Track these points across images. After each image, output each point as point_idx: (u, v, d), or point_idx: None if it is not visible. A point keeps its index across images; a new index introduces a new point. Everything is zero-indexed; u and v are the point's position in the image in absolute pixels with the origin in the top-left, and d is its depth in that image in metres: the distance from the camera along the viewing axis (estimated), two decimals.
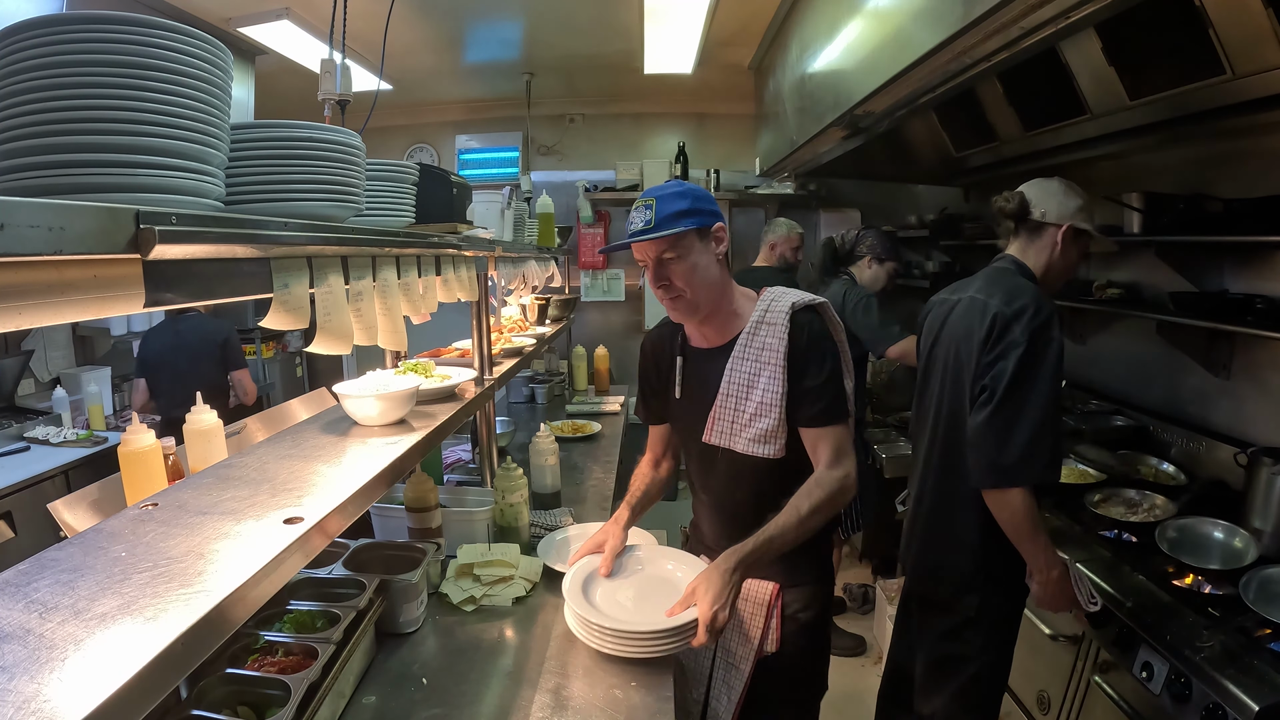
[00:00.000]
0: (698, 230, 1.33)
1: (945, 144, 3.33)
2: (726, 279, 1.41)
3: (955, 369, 1.64)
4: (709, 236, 1.36)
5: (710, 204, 1.36)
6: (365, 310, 1.10)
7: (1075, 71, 2.20)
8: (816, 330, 1.36)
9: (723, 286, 1.40)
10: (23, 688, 0.47)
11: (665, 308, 1.41)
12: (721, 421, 1.41)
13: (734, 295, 1.43)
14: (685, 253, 1.32)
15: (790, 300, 1.38)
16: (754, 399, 1.36)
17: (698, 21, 3.13)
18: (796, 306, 1.37)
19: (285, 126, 0.88)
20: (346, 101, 1.84)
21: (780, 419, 1.35)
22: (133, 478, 1.04)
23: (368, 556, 1.55)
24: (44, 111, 0.59)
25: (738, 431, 1.40)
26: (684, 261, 1.33)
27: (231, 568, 0.65)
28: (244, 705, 1.07)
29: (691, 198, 1.33)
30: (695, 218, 1.32)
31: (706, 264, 1.35)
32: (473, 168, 4.83)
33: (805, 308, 1.38)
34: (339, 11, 1.86)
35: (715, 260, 1.37)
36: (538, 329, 2.89)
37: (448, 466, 2.55)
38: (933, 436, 1.72)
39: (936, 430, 1.71)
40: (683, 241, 1.32)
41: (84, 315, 0.55)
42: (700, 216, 1.32)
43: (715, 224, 1.36)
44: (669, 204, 1.31)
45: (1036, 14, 1.37)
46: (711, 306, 1.39)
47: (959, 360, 1.62)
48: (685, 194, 1.33)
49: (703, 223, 1.33)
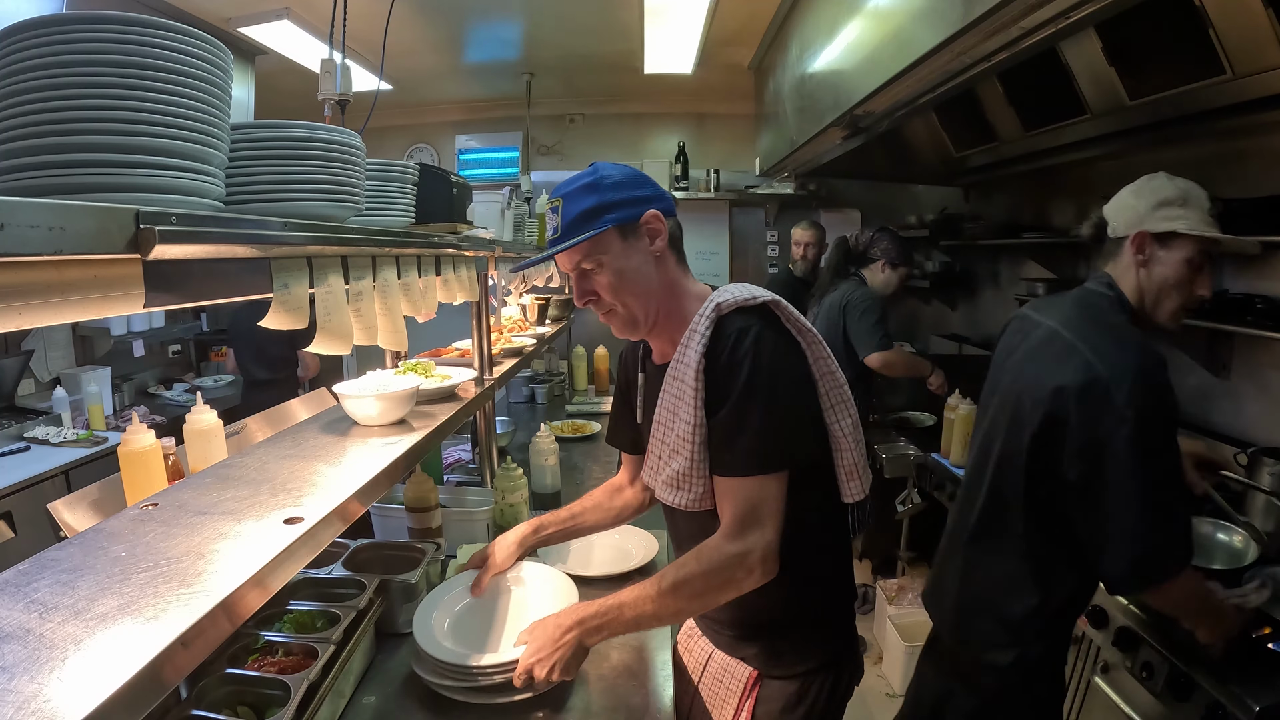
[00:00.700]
0: (618, 228, 1.05)
1: (945, 144, 3.34)
2: (673, 279, 1.12)
3: (1016, 410, 1.33)
4: (636, 232, 1.07)
5: (632, 189, 1.07)
6: (365, 310, 1.10)
7: (1075, 71, 2.20)
8: (742, 341, 1.01)
9: (666, 290, 1.11)
10: (23, 688, 0.47)
11: None
12: (651, 457, 1.15)
13: (685, 297, 1.13)
14: (606, 259, 1.06)
15: (718, 300, 1.05)
16: (675, 432, 1.07)
17: (698, 21, 3.13)
18: (724, 308, 1.03)
19: (285, 126, 0.88)
20: (346, 101, 1.84)
21: (693, 460, 1.04)
22: (133, 478, 1.04)
23: (368, 556, 1.55)
24: (44, 111, 0.59)
25: (659, 471, 1.12)
26: (606, 270, 1.07)
27: (231, 568, 0.65)
28: (244, 705, 1.07)
29: (602, 189, 1.05)
30: (611, 213, 1.04)
31: (637, 267, 1.07)
32: (473, 168, 4.83)
33: (736, 309, 1.03)
34: (339, 11, 1.86)
35: (650, 259, 1.08)
36: (538, 329, 2.89)
37: (448, 466, 2.55)
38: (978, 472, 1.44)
39: (984, 468, 1.41)
40: (600, 246, 1.06)
41: (84, 315, 0.55)
42: (617, 210, 1.05)
43: (642, 213, 1.06)
44: (575, 203, 1.05)
45: (1036, 14, 1.37)
46: (656, 316, 1.12)
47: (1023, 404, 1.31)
48: (594, 186, 1.05)
49: (622, 217, 1.05)
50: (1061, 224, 3.03)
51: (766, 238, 4.85)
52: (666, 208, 1.10)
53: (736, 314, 1.04)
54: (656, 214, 1.08)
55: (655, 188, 1.11)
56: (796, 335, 1.07)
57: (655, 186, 1.11)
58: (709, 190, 4.56)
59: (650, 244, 1.09)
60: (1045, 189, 3.15)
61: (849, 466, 1.12)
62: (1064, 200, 3.05)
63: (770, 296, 1.06)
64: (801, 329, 1.07)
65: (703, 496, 1.07)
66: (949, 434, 2.51)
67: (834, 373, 1.10)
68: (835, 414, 1.10)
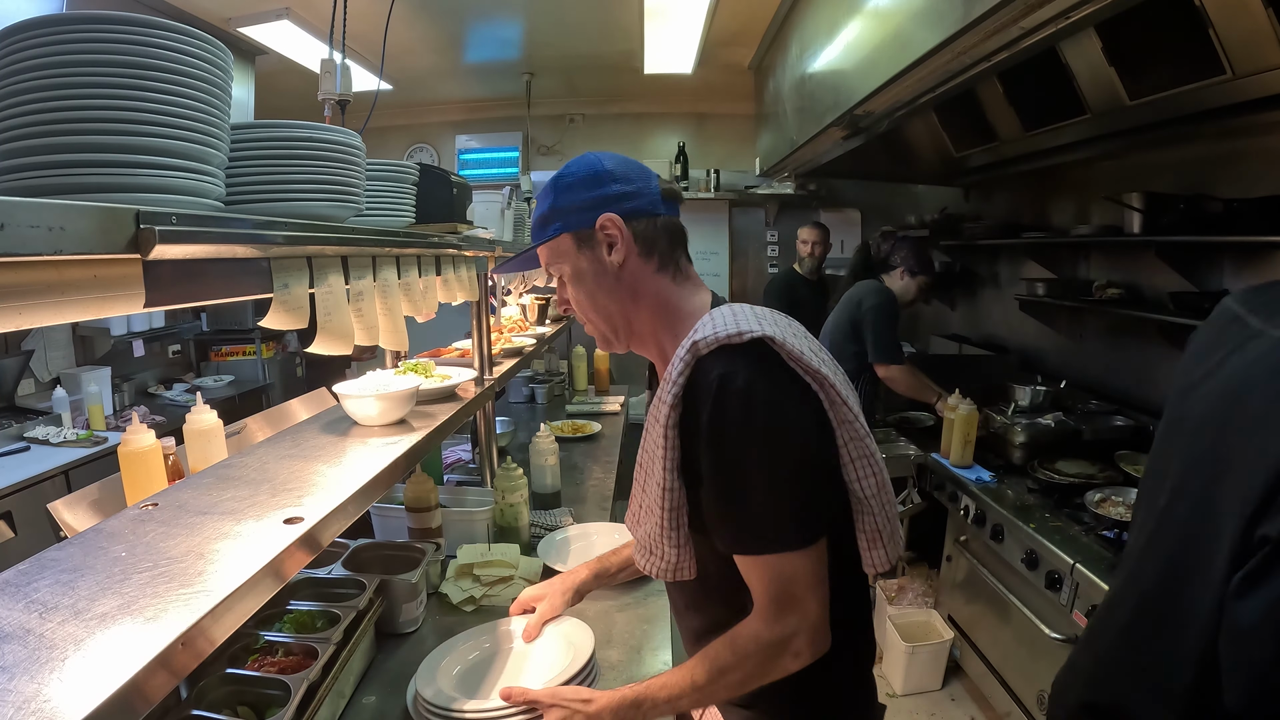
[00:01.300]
0: (574, 235, 0.96)
1: (945, 144, 3.34)
2: (653, 289, 0.97)
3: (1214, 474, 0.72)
4: (591, 240, 0.95)
5: (586, 190, 0.95)
6: (366, 310, 1.10)
7: (1075, 71, 2.20)
8: (725, 393, 0.82)
9: (643, 302, 0.98)
10: (23, 688, 0.47)
11: None
12: (633, 503, 1.00)
13: (675, 310, 0.98)
14: (565, 269, 0.99)
15: (695, 338, 0.85)
16: (649, 489, 0.92)
17: (698, 21, 3.13)
18: (701, 347, 0.84)
19: (285, 126, 0.88)
20: (346, 101, 1.84)
21: (662, 526, 0.90)
22: (133, 478, 1.04)
23: (367, 556, 1.55)
24: (44, 111, 0.59)
25: (635, 526, 0.99)
26: (568, 281, 1.00)
27: (232, 568, 0.65)
28: (244, 705, 1.07)
29: (557, 191, 0.97)
30: (559, 220, 0.96)
31: (595, 277, 0.96)
32: (473, 168, 4.83)
33: (718, 349, 0.83)
34: (339, 11, 1.86)
35: (608, 270, 0.96)
36: (538, 329, 2.89)
37: (448, 466, 2.55)
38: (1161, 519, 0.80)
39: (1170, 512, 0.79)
40: (556, 255, 0.98)
41: (84, 315, 0.55)
42: (566, 216, 0.95)
43: (595, 219, 0.94)
44: (540, 203, 0.99)
45: (1036, 14, 1.37)
46: (630, 331, 1.00)
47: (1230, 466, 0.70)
48: (552, 186, 0.98)
49: (571, 224, 0.95)
50: (1061, 224, 3.03)
51: (766, 238, 4.85)
52: (635, 208, 0.95)
53: (718, 356, 0.84)
54: (612, 219, 0.94)
55: (625, 183, 0.95)
56: (803, 375, 0.85)
57: (627, 182, 0.95)
58: (709, 190, 4.56)
59: (607, 253, 0.95)
60: (1045, 189, 3.15)
61: (872, 531, 0.92)
62: (1064, 200, 3.05)
63: (763, 330, 0.84)
64: (809, 368, 0.85)
65: (676, 566, 0.93)
66: (949, 434, 2.51)
67: (853, 421, 0.88)
68: (856, 470, 0.89)
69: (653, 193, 0.97)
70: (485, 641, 1.32)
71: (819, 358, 0.89)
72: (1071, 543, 1.89)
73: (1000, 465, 2.46)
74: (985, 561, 2.26)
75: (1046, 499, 2.18)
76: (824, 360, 0.90)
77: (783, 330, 0.87)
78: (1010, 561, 2.06)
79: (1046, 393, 2.65)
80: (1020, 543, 2.02)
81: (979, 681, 2.46)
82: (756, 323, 0.85)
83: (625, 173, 0.97)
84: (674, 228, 1.00)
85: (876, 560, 0.93)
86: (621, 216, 0.94)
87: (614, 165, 0.97)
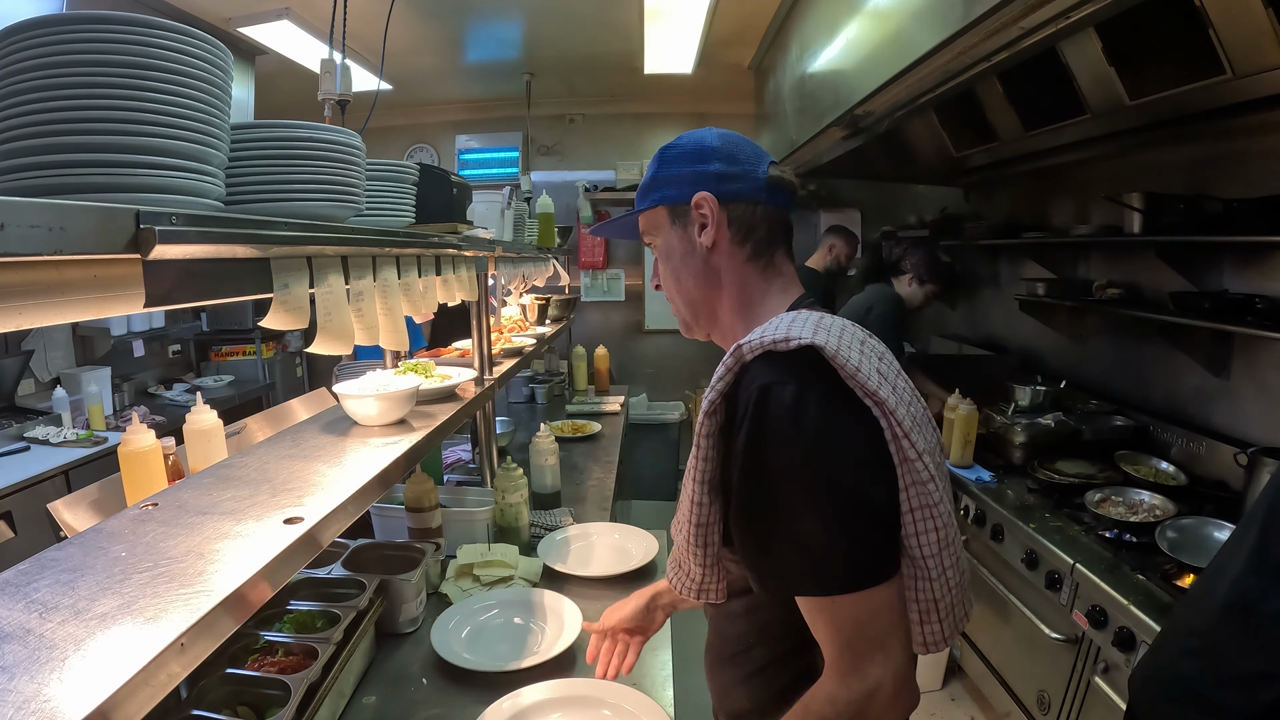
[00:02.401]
0: (669, 209, 0.92)
1: (945, 144, 3.34)
2: (740, 280, 0.91)
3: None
4: (685, 217, 0.91)
5: (689, 164, 0.90)
6: (366, 310, 1.10)
7: (1075, 71, 2.20)
8: (765, 406, 0.72)
9: (715, 292, 0.92)
10: (23, 688, 0.47)
11: None
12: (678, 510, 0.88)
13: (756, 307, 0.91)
14: (657, 242, 0.96)
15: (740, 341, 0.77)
16: (686, 495, 0.82)
17: (698, 21, 3.13)
18: (746, 352, 0.75)
19: (285, 126, 0.88)
20: (346, 101, 1.84)
21: (690, 541, 0.81)
22: (133, 478, 1.04)
23: (367, 556, 1.55)
24: (44, 111, 0.59)
25: (676, 534, 0.88)
26: (659, 254, 0.96)
27: (232, 568, 0.65)
28: (244, 705, 1.07)
29: (664, 160, 0.93)
30: (658, 191, 0.92)
31: (683, 256, 0.92)
32: (473, 168, 4.83)
33: (763, 355, 0.74)
34: (339, 11, 1.86)
35: (696, 250, 0.91)
36: (538, 329, 2.89)
37: (448, 466, 2.55)
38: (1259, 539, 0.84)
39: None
40: (651, 225, 0.96)
41: (84, 315, 0.54)
42: (666, 188, 0.92)
43: (693, 196, 0.89)
44: (650, 169, 0.95)
45: (1036, 14, 1.37)
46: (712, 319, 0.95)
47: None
48: (661, 155, 0.93)
49: (668, 197, 0.91)
50: (1061, 224, 3.03)
51: None
52: (735, 191, 0.89)
53: (763, 362, 0.74)
54: (707, 198, 0.88)
55: (730, 163, 0.89)
56: (863, 398, 0.72)
57: (731, 162, 0.89)
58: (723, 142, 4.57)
59: (697, 233, 0.90)
60: (1045, 189, 3.15)
61: (926, 602, 0.73)
62: (1064, 200, 3.05)
63: (812, 338, 0.72)
64: (867, 390, 0.71)
65: (702, 587, 0.85)
66: (949, 434, 2.51)
67: (916, 460, 0.71)
68: (915, 522, 0.72)
69: (758, 178, 0.90)
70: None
71: (889, 382, 0.75)
72: (1071, 543, 1.89)
73: (1000, 465, 2.46)
74: (985, 561, 2.26)
75: (1046, 499, 2.18)
76: (896, 386, 0.77)
77: (842, 343, 0.74)
78: (1010, 561, 2.06)
79: (1046, 393, 2.65)
80: (1020, 543, 2.02)
81: (979, 681, 2.46)
82: (810, 330, 0.74)
83: (732, 152, 0.90)
84: (776, 219, 0.92)
85: (929, 637, 0.75)
86: (718, 198, 0.89)
87: (721, 143, 0.91)
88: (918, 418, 0.78)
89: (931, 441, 0.79)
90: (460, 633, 1.45)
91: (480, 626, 1.48)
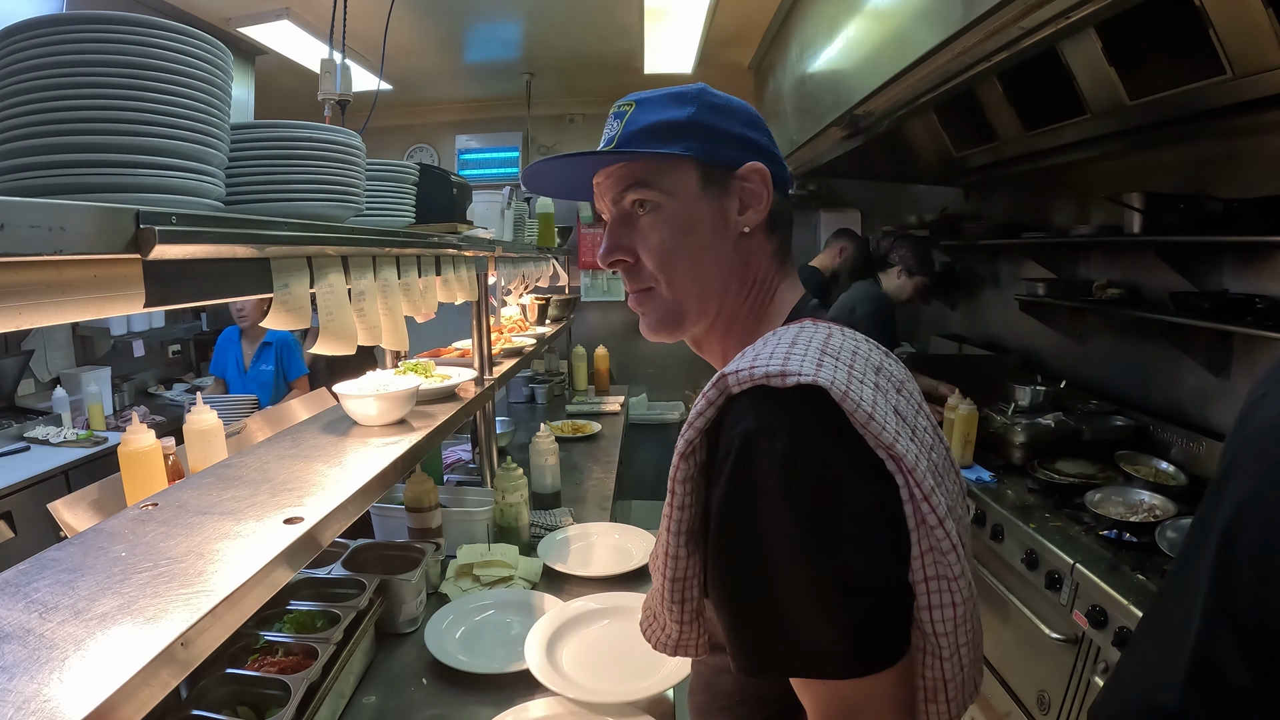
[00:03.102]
0: (700, 165, 0.71)
1: (945, 144, 3.34)
2: (760, 275, 0.75)
3: None
4: (725, 185, 0.72)
5: (740, 124, 0.73)
6: (369, 310, 1.10)
7: (1075, 71, 2.20)
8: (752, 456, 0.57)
9: (737, 284, 0.74)
10: (23, 688, 0.47)
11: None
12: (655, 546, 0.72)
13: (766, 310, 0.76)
14: (667, 202, 0.71)
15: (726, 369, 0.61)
16: (660, 540, 0.68)
17: (698, 21, 3.13)
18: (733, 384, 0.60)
19: (285, 126, 0.88)
20: (346, 101, 1.84)
21: (664, 596, 0.68)
22: (133, 478, 1.04)
23: (367, 556, 1.55)
24: (44, 111, 0.59)
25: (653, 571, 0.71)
26: (663, 217, 0.72)
27: (232, 568, 0.65)
28: (244, 705, 1.07)
29: (699, 104, 0.71)
30: (699, 140, 0.70)
31: (712, 233, 0.72)
32: (473, 168, 4.83)
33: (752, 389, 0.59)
34: (339, 11, 1.86)
35: (729, 229, 0.72)
36: (538, 329, 2.89)
37: (448, 466, 2.55)
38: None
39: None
40: (665, 177, 0.71)
41: (84, 315, 0.55)
42: (710, 140, 0.71)
43: (743, 162, 0.71)
44: (653, 110, 0.73)
45: (1036, 14, 1.37)
46: (714, 318, 0.75)
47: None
48: (690, 98, 0.72)
49: (713, 152, 0.71)
50: (1061, 224, 3.03)
51: None
52: (777, 172, 0.74)
53: (752, 400, 0.59)
54: (761, 170, 0.71)
55: (770, 141, 0.76)
56: (875, 449, 0.57)
57: (771, 140, 0.76)
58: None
59: (739, 212, 0.72)
60: (1045, 189, 3.15)
61: (934, 681, 0.62)
62: (1064, 200, 3.05)
63: (816, 376, 0.57)
64: (881, 442, 0.57)
65: (679, 643, 0.71)
66: (948, 434, 2.51)
67: (937, 526, 0.58)
68: (929, 594, 0.59)
69: (786, 164, 0.79)
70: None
71: (908, 423, 0.63)
72: (1071, 543, 1.89)
73: (1000, 465, 2.46)
74: (985, 561, 2.26)
75: (1046, 499, 2.18)
76: (917, 428, 0.64)
77: (853, 376, 0.60)
78: (1010, 561, 2.06)
79: (1046, 393, 2.65)
80: (1020, 543, 2.02)
81: None
82: (814, 361, 0.59)
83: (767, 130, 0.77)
84: (791, 214, 0.80)
85: (935, 716, 0.64)
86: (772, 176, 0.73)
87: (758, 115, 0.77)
88: (940, 467, 0.65)
89: (954, 495, 0.67)
90: (454, 633, 1.45)
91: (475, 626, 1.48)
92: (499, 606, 1.55)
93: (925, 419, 0.69)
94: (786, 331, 0.66)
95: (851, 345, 0.66)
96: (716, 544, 0.61)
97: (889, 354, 0.72)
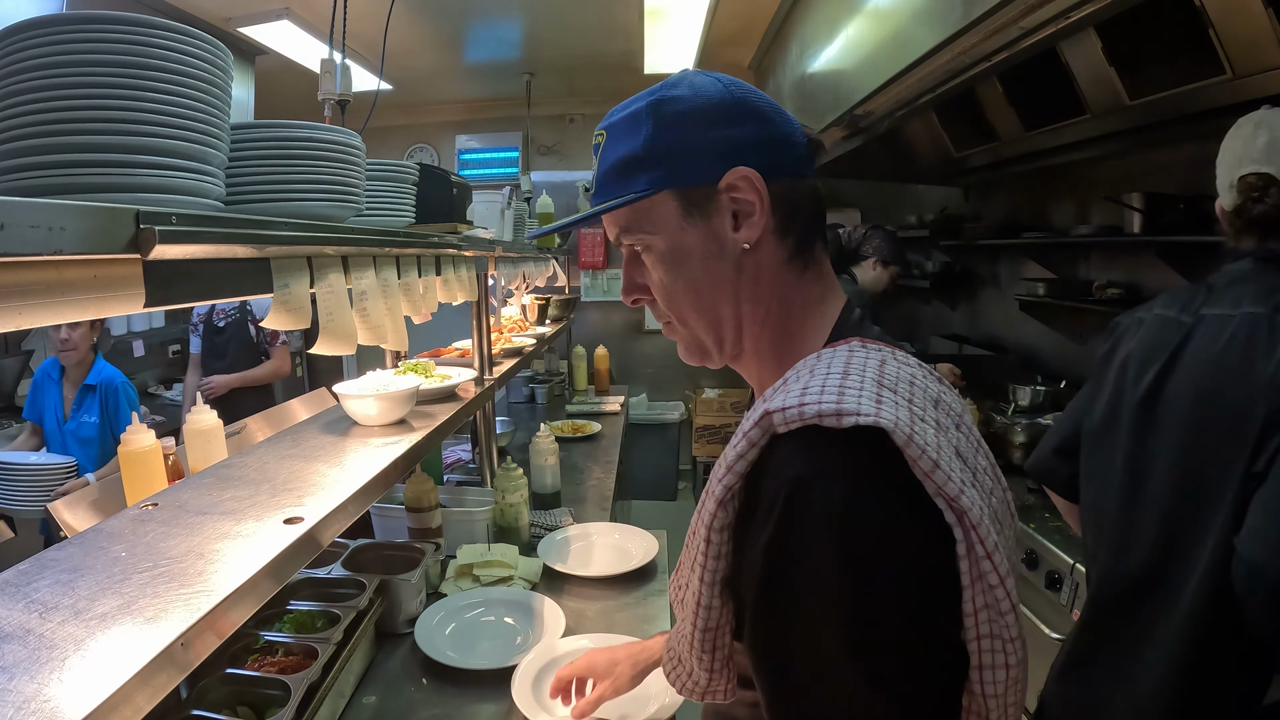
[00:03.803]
0: (678, 194, 0.63)
1: (945, 144, 3.34)
2: (782, 291, 0.66)
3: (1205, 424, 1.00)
4: (707, 205, 0.63)
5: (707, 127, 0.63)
6: (372, 310, 1.10)
7: (1075, 71, 2.20)
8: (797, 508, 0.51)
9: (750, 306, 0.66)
10: (23, 688, 0.47)
11: None
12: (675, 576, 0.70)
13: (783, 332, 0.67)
14: (655, 240, 0.65)
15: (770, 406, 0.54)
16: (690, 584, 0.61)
17: (698, 21, 3.13)
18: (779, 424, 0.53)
19: (285, 126, 0.88)
20: (346, 101, 1.84)
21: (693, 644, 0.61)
22: (133, 478, 1.04)
23: (367, 556, 1.55)
24: (44, 111, 0.59)
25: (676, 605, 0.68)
26: (655, 258, 0.66)
27: (232, 568, 0.65)
28: (244, 705, 1.07)
29: (657, 122, 0.64)
30: (659, 168, 0.63)
31: (706, 260, 0.64)
32: (473, 168, 4.83)
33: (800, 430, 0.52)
34: (339, 11, 1.86)
35: (727, 251, 0.64)
36: (538, 329, 2.89)
37: (448, 466, 2.55)
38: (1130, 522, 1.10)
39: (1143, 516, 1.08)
40: (644, 219, 0.65)
41: (84, 315, 0.55)
42: (671, 163, 0.63)
43: (722, 174, 0.62)
44: (617, 142, 0.66)
45: (1036, 14, 1.37)
46: (736, 343, 0.68)
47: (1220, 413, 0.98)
48: (648, 114, 0.64)
49: (679, 177, 0.63)
50: (1061, 224, 3.03)
51: None
52: (779, 162, 0.64)
53: (801, 441, 0.52)
54: (748, 175, 0.62)
55: (765, 123, 0.65)
56: (935, 499, 0.51)
57: (765, 122, 0.65)
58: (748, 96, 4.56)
59: (733, 228, 0.63)
60: (1045, 189, 3.15)
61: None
62: (1064, 200, 3.05)
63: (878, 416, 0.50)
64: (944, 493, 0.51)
65: (708, 689, 0.65)
66: None
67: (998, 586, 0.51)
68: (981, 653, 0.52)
69: (799, 141, 0.66)
70: None
71: (969, 465, 0.57)
72: (1072, 543, 1.89)
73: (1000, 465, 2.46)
74: None
75: (1046, 499, 2.18)
76: (978, 470, 0.59)
77: (914, 413, 0.54)
78: None
79: (1046, 393, 2.65)
80: (1020, 543, 2.02)
81: None
82: (872, 397, 0.52)
83: (760, 107, 0.66)
84: (818, 196, 0.68)
85: None
86: (761, 173, 0.62)
87: (747, 95, 0.66)
88: (999, 515, 0.59)
89: (1011, 544, 0.61)
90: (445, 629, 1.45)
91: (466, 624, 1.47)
92: (489, 604, 1.54)
93: (985, 458, 0.63)
94: (835, 357, 0.59)
95: (908, 375, 0.58)
96: (760, 604, 0.55)
97: (942, 380, 0.65)
